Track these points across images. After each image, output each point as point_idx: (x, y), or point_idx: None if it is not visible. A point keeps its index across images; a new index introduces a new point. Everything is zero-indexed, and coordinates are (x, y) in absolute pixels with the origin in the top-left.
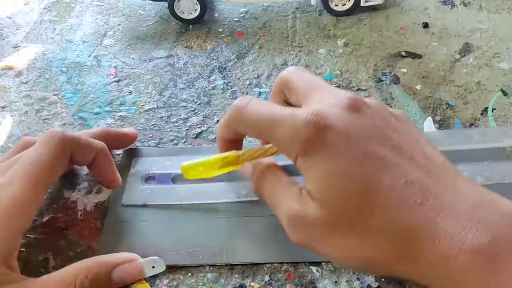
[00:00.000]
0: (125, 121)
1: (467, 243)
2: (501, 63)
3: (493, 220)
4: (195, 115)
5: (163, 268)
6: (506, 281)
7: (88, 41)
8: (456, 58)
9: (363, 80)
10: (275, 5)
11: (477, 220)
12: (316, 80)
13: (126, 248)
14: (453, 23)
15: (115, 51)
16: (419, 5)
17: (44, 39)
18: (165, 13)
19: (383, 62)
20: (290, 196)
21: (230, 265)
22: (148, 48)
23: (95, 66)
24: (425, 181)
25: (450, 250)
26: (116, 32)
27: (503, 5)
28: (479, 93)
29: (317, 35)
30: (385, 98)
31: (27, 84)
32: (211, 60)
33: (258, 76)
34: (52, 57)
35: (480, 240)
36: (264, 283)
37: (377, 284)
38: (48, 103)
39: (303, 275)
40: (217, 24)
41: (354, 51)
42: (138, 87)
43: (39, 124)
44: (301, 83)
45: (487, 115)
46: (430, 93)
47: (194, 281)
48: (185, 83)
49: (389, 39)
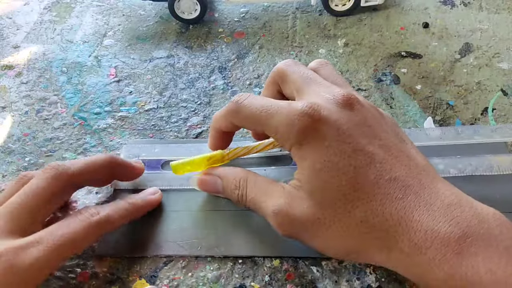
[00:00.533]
0: (125, 121)
1: (439, 236)
2: (501, 63)
3: (466, 218)
4: (196, 115)
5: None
6: (468, 273)
7: (88, 41)
8: (456, 58)
9: (363, 80)
10: (275, 5)
11: (451, 217)
12: (312, 75)
13: (126, 242)
14: (453, 23)
15: (115, 51)
16: (419, 5)
17: (44, 39)
18: (165, 13)
19: (383, 62)
20: (274, 193)
21: (230, 264)
22: (148, 48)
23: (95, 66)
24: (407, 179)
25: (423, 242)
26: (116, 32)
27: (503, 5)
28: (479, 93)
29: (317, 35)
30: (385, 98)
31: (28, 84)
32: (211, 60)
33: (258, 76)
34: (53, 57)
35: (451, 235)
36: (264, 283)
37: (377, 284)
38: (48, 103)
39: (303, 275)
40: (217, 24)
41: (354, 51)
42: (138, 87)
43: (39, 124)
44: (297, 76)
45: (487, 115)
46: (430, 93)
47: (194, 281)
48: (185, 83)
49: (389, 39)
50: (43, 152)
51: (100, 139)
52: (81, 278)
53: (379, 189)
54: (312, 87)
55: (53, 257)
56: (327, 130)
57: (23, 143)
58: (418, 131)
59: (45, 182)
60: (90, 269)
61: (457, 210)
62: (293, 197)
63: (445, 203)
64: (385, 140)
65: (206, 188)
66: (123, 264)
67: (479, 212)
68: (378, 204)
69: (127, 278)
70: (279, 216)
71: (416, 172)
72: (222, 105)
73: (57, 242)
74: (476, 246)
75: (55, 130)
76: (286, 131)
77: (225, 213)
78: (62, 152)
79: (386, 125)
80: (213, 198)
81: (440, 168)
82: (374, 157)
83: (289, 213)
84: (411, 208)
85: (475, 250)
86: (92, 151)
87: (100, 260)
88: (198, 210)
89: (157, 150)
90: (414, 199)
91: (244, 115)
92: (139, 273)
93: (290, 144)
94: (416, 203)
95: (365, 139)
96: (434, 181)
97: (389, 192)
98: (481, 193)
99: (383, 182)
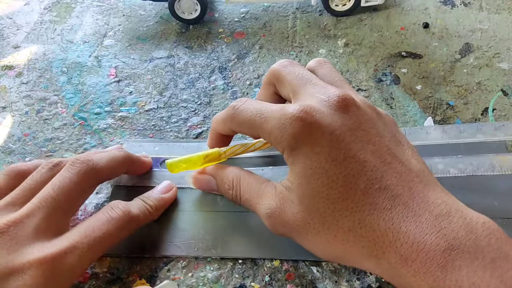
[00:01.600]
0: (126, 121)
1: (425, 249)
2: (501, 63)
3: (453, 229)
4: (196, 115)
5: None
6: (452, 287)
7: (88, 41)
8: (457, 58)
9: (364, 80)
10: (276, 5)
11: (438, 229)
12: (307, 75)
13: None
14: (454, 23)
15: (115, 52)
16: (420, 5)
17: (44, 39)
18: (165, 13)
19: (384, 62)
20: (266, 194)
21: (230, 264)
22: (148, 48)
23: (96, 67)
24: (397, 188)
25: (409, 255)
26: (117, 33)
27: (504, 5)
28: (480, 93)
29: (318, 35)
30: (386, 98)
31: (28, 84)
32: (211, 60)
33: (258, 76)
34: (53, 57)
35: (437, 248)
36: (264, 283)
37: (377, 284)
38: (48, 103)
39: (303, 275)
40: (218, 24)
41: (355, 51)
42: (139, 87)
43: (39, 124)
44: (292, 77)
45: (487, 115)
46: (431, 93)
47: (194, 281)
48: (185, 83)
49: (389, 39)
50: (43, 152)
51: (100, 139)
52: (81, 278)
53: (368, 198)
54: (307, 88)
55: (89, 261)
56: (320, 135)
57: (24, 143)
58: (419, 129)
59: (77, 177)
60: (90, 269)
61: (445, 221)
62: (285, 199)
63: (433, 214)
64: (379, 145)
65: (201, 186)
66: (123, 264)
67: (468, 222)
68: (367, 214)
69: (127, 278)
70: (271, 218)
71: (408, 179)
72: (222, 105)
73: (92, 246)
74: (461, 259)
75: (55, 130)
76: (279, 135)
77: (222, 214)
78: (62, 152)
79: (383, 126)
80: (211, 199)
81: (439, 168)
82: (366, 164)
83: (281, 215)
84: (398, 219)
85: (460, 263)
86: (92, 151)
87: (100, 260)
88: (196, 211)
89: (157, 148)
90: (403, 209)
91: (240, 120)
92: (139, 273)
93: (282, 148)
94: (404, 214)
95: (358, 144)
96: (426, 188)
97: (377, 202)
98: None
99: (373, 192)
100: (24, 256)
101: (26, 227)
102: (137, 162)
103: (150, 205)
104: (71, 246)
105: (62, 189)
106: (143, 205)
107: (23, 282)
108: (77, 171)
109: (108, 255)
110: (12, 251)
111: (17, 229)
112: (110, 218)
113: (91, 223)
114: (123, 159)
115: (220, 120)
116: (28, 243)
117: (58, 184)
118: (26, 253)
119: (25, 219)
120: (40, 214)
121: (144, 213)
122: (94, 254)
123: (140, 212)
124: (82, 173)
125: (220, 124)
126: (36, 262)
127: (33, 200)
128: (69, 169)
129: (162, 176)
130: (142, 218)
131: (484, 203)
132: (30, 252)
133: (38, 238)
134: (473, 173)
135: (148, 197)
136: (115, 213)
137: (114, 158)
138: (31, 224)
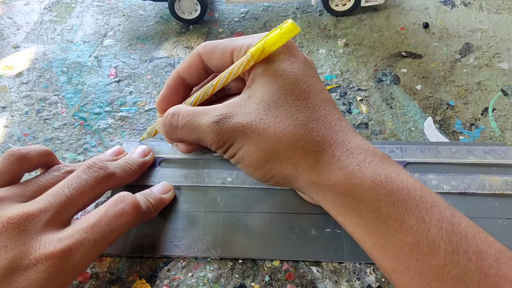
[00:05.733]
0: (126, 121)
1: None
2: (501, 63)
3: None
4: None
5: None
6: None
7: (88, 41)
8: (457, 58)
9: (364, 80)
10: (276, 5)
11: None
12: None
13: (125, 242)
14: (454, 23)
15: (115, 51)
16: (420, 5)
17: (44, 39)
18: (165, 13)
19: (384, 62)
20: (213, 109)
21: (230, 264)
22: (148, 48)
23: (96, 66)
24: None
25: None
26: (117, 33)
27: (504, 5)
28: (480, 93)
29: (318, 35)
30: (386, 98)
31: (28, 84)
32: None
33: None
34: (53, 57)
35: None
36: (264, 283)
37: (377, 284)
38: (48, 103)
39: (303, 275)
40: (218, 25)
41: (355, 51)
42: (139, 87)
43: (39, 124)
44: None
45: (487, 115)
46: (431, 93)
47: (194, 281)
48: None
49: (389, 39)
50: None
51: (100, 139)
52: (81, 278)
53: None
54: None
55: (94, 256)
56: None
57: (24, 143)
58: (414, 147)
59: (94, 181)
60: (90, 269)
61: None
62: (239, 106)
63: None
64: None
65: (160, 130)
66: (123, 264)
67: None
68: (322, 115)
69: (127, 278)
70: (220, 123)
71: None
72: None
73: (98, 242)
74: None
75: (55, 130)
76: None
77: (222, 214)
78: (62, 152)
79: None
80: (211, 199)
81: (433, 184)
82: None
83: (231, 118)
84: (347, 129)
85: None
86: (93, 151)
87: (100, 260)
88: (195, 211)
89: (156, 148)
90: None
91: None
92: (139, 273)
93: None
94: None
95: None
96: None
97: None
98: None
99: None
100: (31, 251)
101: (37, 221)
102: (146, 167)
103: (151, 203)
104: (78, 242)
105: (78, 190)
106: (147, 201)
107: (29, 277)
108: (94, 175)
109: (108, 255)
110: (20, 244)
111: (28, 223)
112: (118, 214)
113: (99, 217)
114: (138, 170)
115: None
116: (36, 237)
117: (75, 184)
118: (33, 248)
119: (38, 214)
120: (52, 211)
121: (149, 209)
122: (100, 249)
123: (146, 208)
124: (99, 178)
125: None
126: (42, 258)
127: (47, 196)
128: (86, 172)
129: (160, 175)
130: (147, 215)
131: (484, 203)
132: (37, 247)
133: (46, 233)
134: (465, 190)
135: (149, 195)
136: (126, 208)
137: (127, 171)
138: (42, 219)
